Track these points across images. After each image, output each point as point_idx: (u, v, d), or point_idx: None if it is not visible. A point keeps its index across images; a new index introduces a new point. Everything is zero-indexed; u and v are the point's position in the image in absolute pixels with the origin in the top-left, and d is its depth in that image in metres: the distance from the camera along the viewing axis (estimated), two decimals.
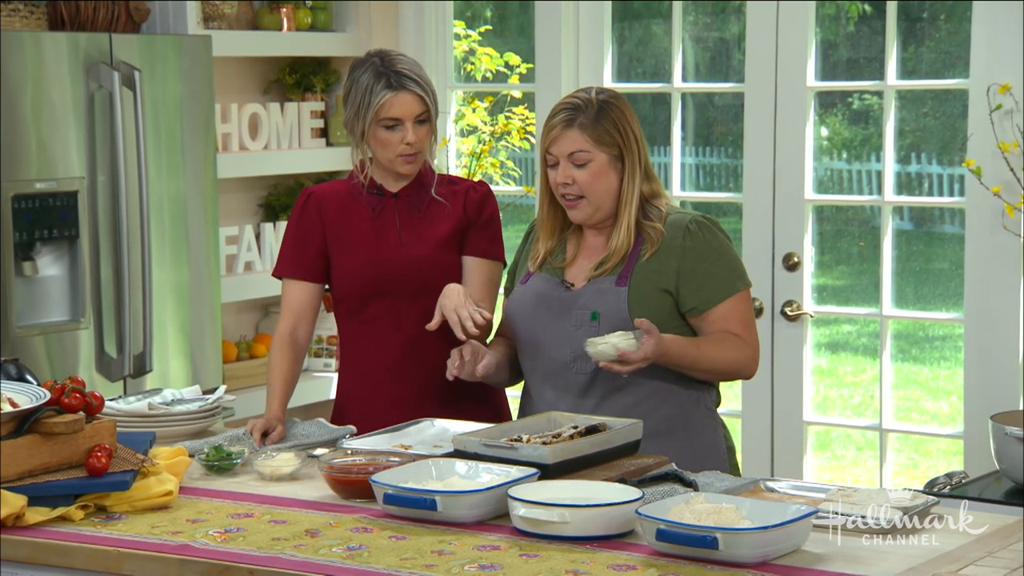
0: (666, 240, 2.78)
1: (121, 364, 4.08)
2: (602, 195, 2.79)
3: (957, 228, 4.68)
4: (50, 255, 4.01)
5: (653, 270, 2.77)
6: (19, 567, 2.29)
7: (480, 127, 4.93)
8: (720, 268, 2.79)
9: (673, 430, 2.78)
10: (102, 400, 2.51)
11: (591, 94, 2.81)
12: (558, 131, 2.78)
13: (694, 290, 2.77)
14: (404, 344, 3.02)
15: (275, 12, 4.82)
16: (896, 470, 4.88)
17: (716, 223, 2.85)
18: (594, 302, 2.78)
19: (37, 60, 3.91)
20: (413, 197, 3.06)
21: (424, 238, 3.04)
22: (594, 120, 2.77)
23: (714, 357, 2.76)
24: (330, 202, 3.06)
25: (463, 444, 2.54)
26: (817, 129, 4.51)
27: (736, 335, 2.78)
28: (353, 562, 2.14)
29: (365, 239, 3.03)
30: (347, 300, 3.06)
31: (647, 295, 2.76)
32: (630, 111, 2.83)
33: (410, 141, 2.97)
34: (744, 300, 2.81)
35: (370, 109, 2.95)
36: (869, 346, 5.61)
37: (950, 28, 4.54)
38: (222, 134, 4.63)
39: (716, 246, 2.80)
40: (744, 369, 2.81)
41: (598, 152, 2.77)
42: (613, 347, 2.65)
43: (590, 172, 2.77)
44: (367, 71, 2.99)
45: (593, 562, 2.12)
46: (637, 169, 2.79)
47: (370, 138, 2.99)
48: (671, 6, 4.64)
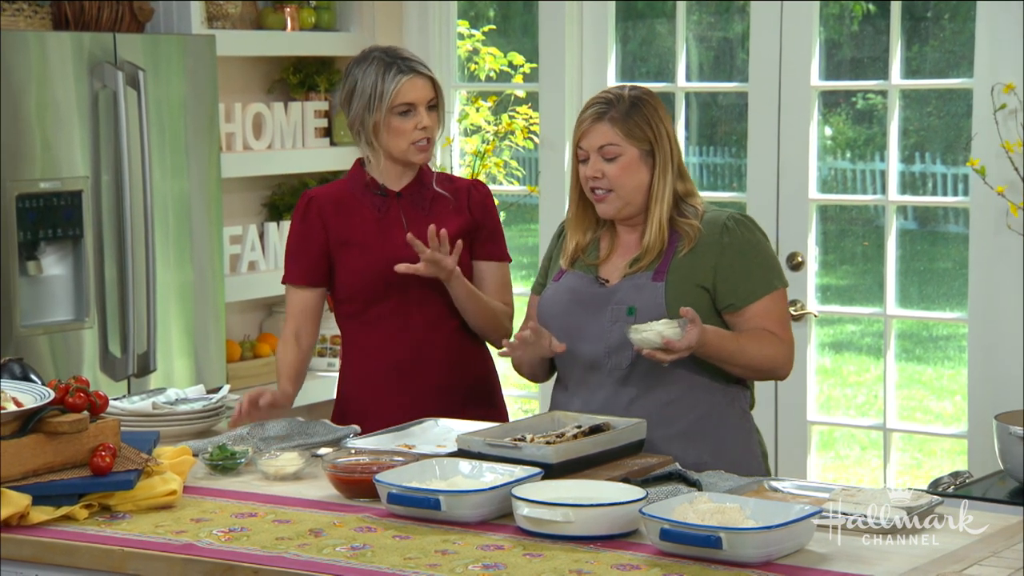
0: (703, 237, 2.77)
1: (125, 363, 4.09)
2: (631, 190, 2.78)
3: (961, 228, 4.67)
4: (54, 254, 4.01)
5: (690, 266, 2.76)
6: (24, 566, 2.29)
7: (484, 127, 4.93)
8: (758, 265, 2.79)
9: (706, 430, 2.76)
10: (106, 399, 2.51)
11: (624, 90, 2.82)
12: (588, 124, 2.79)
13: (732, 287, 2.77)
14: (409, 346, 3.01)
15: (279, 12, 4.82)
16: (900, 470, 4.88)
17: (753, 221, 2.85)
18: (631, 297, 2.77)
19: (41, 60, 3.91)
20: (416, 195, 3.06)
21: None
22: (625, 114, 2.77)
23: (752, 352, 2.74)
24: (332, 204, 3.06)
25: (467, 443, 2.55)
26: (821, 128, 4.50)
27: (773, 333, 2.77)
28: (357, 562, 2.14)
29: (371, 240, 3.03)
30: (352, 301, 3.05)
31: (684, 291, 2.75)
32: (663, 109, 2.82)
33: (426, 125, 2.99)
34: (781, 298, 2.80)
35: (384, 98, 2.96)
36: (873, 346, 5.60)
37: (954, 27, 4.53)
38: (226, 134, 4.63)
39: (754, 243, 2.80)
40: (780, 368, 2.80)
41: (628, 146, 2.77)
42: (658, 335, 2.63)
43: (619, 166, 2.77)
44: (372, 64, 2.99)
45: (597, 562, 2.12)
46: (669, 166, 2.79)
47: (383, 129, 2.99)
48: (675, 6, 4.64)
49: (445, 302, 3.02)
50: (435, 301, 3.00)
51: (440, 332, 3.00)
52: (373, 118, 2.98)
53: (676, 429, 2.74)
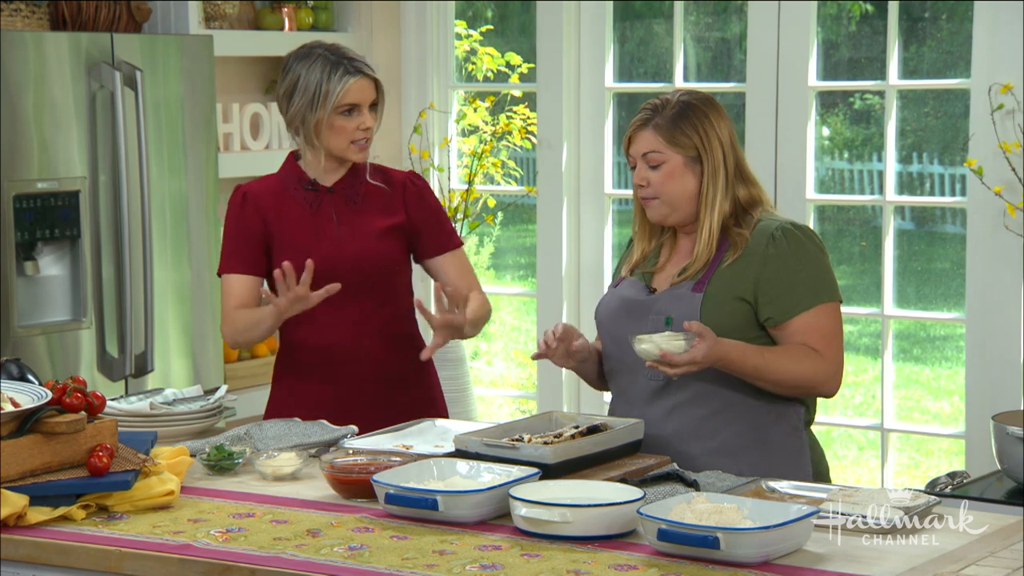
0: (750, 247, 2.69)
1: (123, 364, 4.09)
2: (676, 197, 2.72)
3: (958, 228, 4.68)
4: (52, 255, 4.01)
5: (732, 277, 2.68)
6: (21, 566, 2.29)
7: (481, 127, 4.93)
8: (803, 278, 2.67)
9: (748, 446, 2.68)
10: (103, 400, 2.51)
11: (674, 96, 2.75)
12: (634, 131, 2.75)
13: (772, 299, 2.67)
14: (345, 338, 3.01)
15: (276, 12, 4.83)
16: (897, 470, 4.88)
17: (808, 232, 2.73)
18: (669, 307, 2.70)
19: (39, 60, 3.91)
20: (348, 190, 3.07)
21: (362, 232, 3.05)
22: (671, 121, 2.71)
23: (781, 368, 2.63)
24: (266, 199, 3.07)
25: (464, 444, 2.55)
26: (819, 129, 4.51)
27: (813, 349, 2.65)
28: (354, 562, 2.14)
29: (303, 235, 3.04)
30: None
31: (723, 302, 2.67)
32: (718, 115, 2.74)
33: (368, 126, 3.00)
34: (828, 313, 2.67)
35: (329, 97, 2.97)
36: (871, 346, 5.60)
37: (952, 28, 4.54)
38: (223, 134, 4.63)
39: (801, 255, 2.68)
40: (820, 385, 2.67)
41: (672, 153, 2.71)
42: (656, 346, 2.57)
43: (663, 173, 2.71)
44: (316, 62, 2.99)
45: (594, 562, 2.12)
46: (720, 173, 2.71)
47: (325, 128, 2.99)
48: (672, 6, 4.64)
49: (378, 295, 3.05)
50: (366, 299, 3.02)
51: (374, 323, 3.02)
52: (316, 116, 2.99)
53: (715, 443, 2.67)
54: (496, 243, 5.74)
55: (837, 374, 2.69)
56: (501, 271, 6.08)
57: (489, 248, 5.68)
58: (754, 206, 2.75)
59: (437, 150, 5.02)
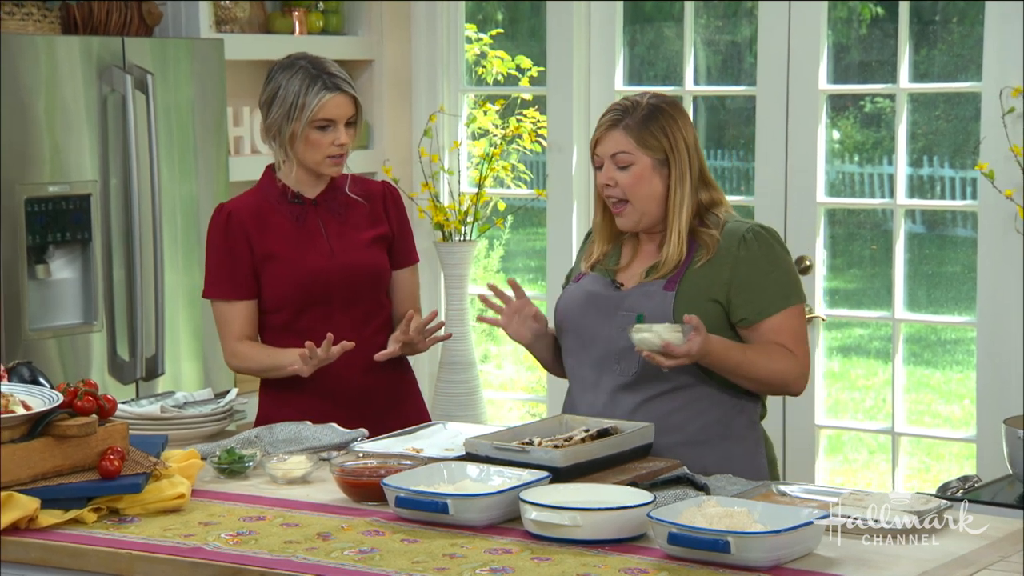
0: (721, 248, 2.74)
1: (133, 367, 4.09)
2: (645, 199, 2.76)
3: (969, 231, 4.66)
4: (63, 258, 4.02)
5: (704, 277, 2.73)
6: (32, 570, 2.29)
7: (491, 130, 4.93)
8: (774, 280, 2.74)
9: (712, 439, 2.74)
10: (115, 403, 2.51)
11: (643, 98, 2.79)
12: (603, 131, 2.77)
13: (745, 301, 2.73)
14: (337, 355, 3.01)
15: (287, 15, 4.83)
16: (908, 474, 4.87)
17: (775, 234, 2.79)
18: (640, 304, 2.75)
19: (50, 64, 3.92)
20: (331, 202, 3.07)
21: (351, 244, 3.05)
22: (640, 122, 2.74)
23: (758, 365, 2.70)
24: (249, 215, 3.04)
25: (475, 447, 2.55)
26: (829, 132, 4.50)
27: (786, 348, 2.72)
28: (365, 565, 2.14)
29: (291, 249, 3.02)
30: (278, 312, 3.04)
31: (695, 302, 2.72)
32: (684, 119, 2.78)
33: (342, 142, 2.99)
34: (797, 315, 2.75)
35: (305, 110, 2.96)
36: (881, 349, 5.59)
37: (963, 31, 4.53)
38: (234, 137, 4.64)
39: (772, 257, 2.75)
40: (791, 384, 2.75)
41: (641, 155, 2.74)
42: (659, 336, 2.60)
43: (632, 175, 2.75)
44: (297, 74, 2.99)
45: (605, 565, 2.12)
46: (687, 176, 2.75)
47: (300, 140, 2.99)
48: (682, 9, 4.64)
49: (367, 305, 3.06)
50: (358, 305, 3.04)
51: (363, 334, 3.02)
52: (291, 127, 2.98)
53: (680, 437, 2.72)
54: (506, 246, 5.74)
55: (806, 373, 2.77)
56: (511, 274, 6.08)
57: (499, 251, 5.68)
58: (716, 206, 2.80)
59: (447, 153, 5.03)
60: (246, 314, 3.04)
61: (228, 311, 3.04)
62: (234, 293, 3.04)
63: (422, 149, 4.95)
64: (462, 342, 4.90)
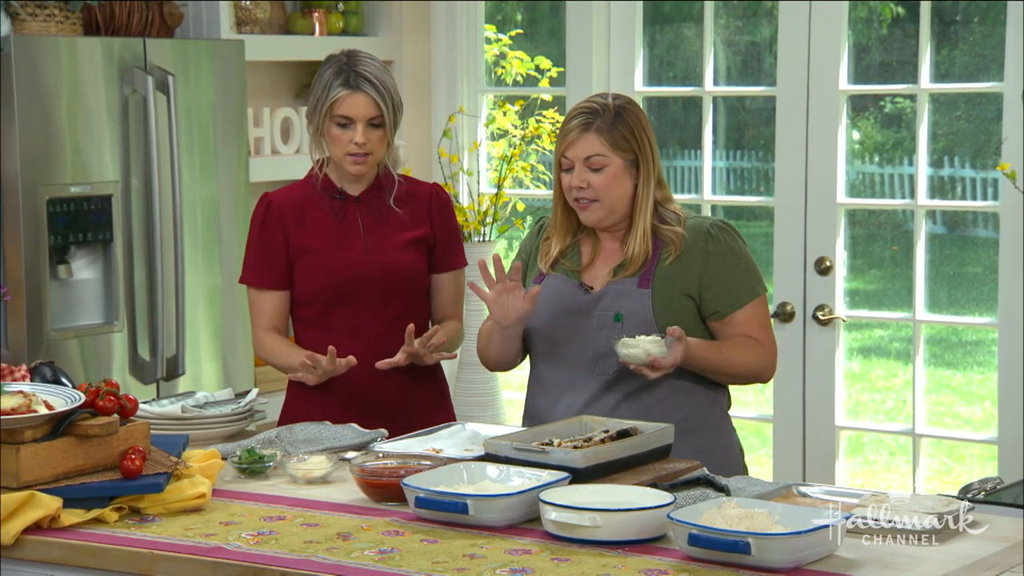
0: (688, 244, 2.80)
1: (154, 367, 4.11)
2: (616, 199, 2.80)
3: (991, 232, 4.64)
4: (84, 258, 4.04)
5: (675, 274, 2.79)
6: (54, 568, 2.31)
7: (511, 131, 4.93)
8: (741, 273, 2.82)
9: (689, 431, 2.78)
10: (136, 403, 2.52)
11: (607, 99, 2.82)
12: (575, 135, 2.79)
13: (717, 295, 2.80)
14: (364, 350, 3.00)
15: (307, 16, 4.84)
16: (929, 475, 4.85)
17: (734, 228, 2.88)
18: (617, 303, 2.79)
19: (72, 65, 3.94)
20: (374, 202, 3.07)
21: (388, 244, 3.05)
22: (611, 125, 2.78)
23: (735, 361, 2.80)
24: (291, 207, 3.06)
25: (494, 448, 2.55)
26: (849, 133, 4.49)
27: (755, 339, 2.81)
28: (385, 565, 2.14)
29: (328, 244, 3.03)
30: (310, 306, 3.05)
31: (670, 298, 2.79)
32: (645, 118, 2.85)
33: (358, 142, 2.99)
34: (762, 305, 2.85)
35: (325, 103, 2.98)
36: (902, 351, 5.57)
37: (984, 31, 4.51)
38: (254, 138, 4.65)
39: (737, 251, 2.83)
40: (763, 373, 2.86)
41: (614, 157, 2.78)
42: (645, 352, 2.69)
43: (606, 176, 2.78)
44: (331, 67, 3.02)
45: (625, 566, 2.12)
46: (652, 175, 2.81)
47: (325, 132, 3.01)
48: (702, 9, 4.63)
49: (399, 307, 3.05)
50: (388, 309, 3.03)
51: (393, 336, 3.01)
52: (317, 120, 3.02)
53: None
54: None
55: (775, 362, 2.86)
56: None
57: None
58: (668, 202, 2.85)
59: (466, 154, 5.03)
60: (276, 304, 3.05)
61: (259, 299, 3.07)
62: (265, 282, 3.06)
63: (441, 150, 4.95)
64: None
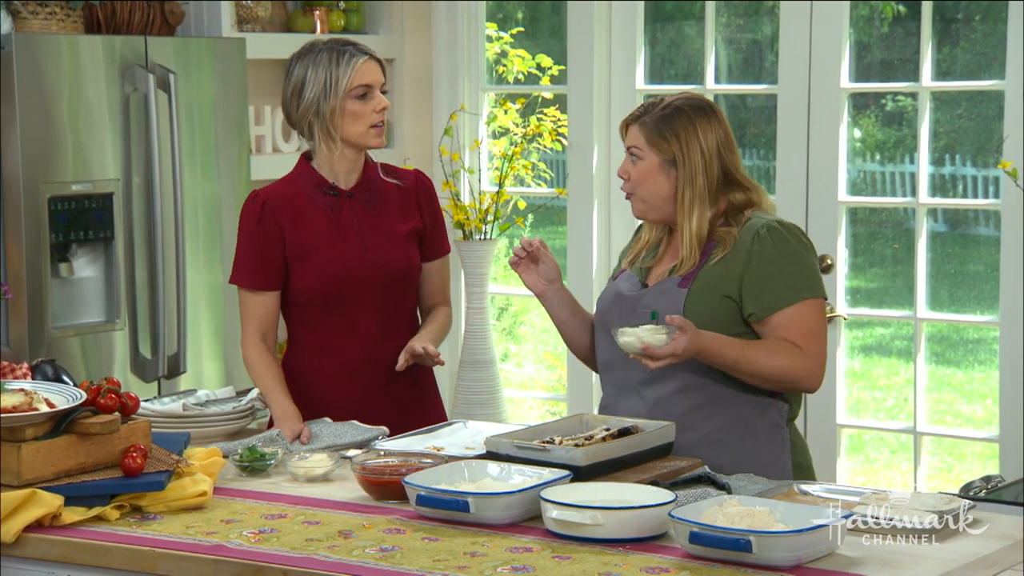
0: (737, 244, 2.73)
1: (155, 365, 4.11)
2: (650, 195, 2.77)
3: (992, 230, 4.64)
4: (86, 256, 4.04)
5: (718, 274, 2.73)
6: (55, 566, 2.31)
7: (512, 129, 4.94)
8: (785, 275, 2.71)
9: (729, 439, 2.72)
10: (137, 401, 2.52)
11: (671, 97, 2.80)
12: (627, 124, 2.81)
13: (754, 295, 2.71)
14: (360, 349, 3.00)
15: (308, 15, 4.84)
16: (930, 473, 4.85)
17: (794, 230, 2.76)
18: (655, 302, 2.76)
19: (73, 63, 3.94)
20: (366, 194, 3.04)
21: (385, 239, 3.03)
22: (655, 121, 2.75)
23: (758, 362, 2.68)
24: (284, 205, 3.01)
25: (495, 446, 2.55)
26: (850, 131, 4.49)
27: (794, 344, 2.69)
28: (386, 563, 2.14)
29: (325, 244, 3.00)
30: (307, 305, 3.02)
31: (707, 299, 2.72)
32: (705, 122, 2.75)
33: (384, 106, 2.98)
34: (810, 310, 2.70)
35: (340, 82, 2.94)
36: (903, 349, 5.57)
37: (985, 29, 4.51)
38: (256, 136, 4.65)
39: (785, 252, 2.72)
40: (799, 381, 2.71)
41: (650, 152, 2.76)
42: (638, 339, 2.62)
43: (640, 170, 2.77)
44: (321, 54, 2.98)
45: (626, 564, 2.12)
46: (699, 180, 2.73)
47: (339, 115, 2.96)
48: (704, 7, 4.63)
49: (397, 306, 3.04)
50: (387, 305, 3.02)
51: (390, 335, 3.00)
52: (330, 104, 2.95)
53: (698, 435, 2.72)
54: None
55: (818, 370, 2.72)
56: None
57: None
58: (750, 207, 2.79)
59: (468, 152, 5.03)
60: (267, 306, 3.02)
61: (250, 301, 3.03)
62: (258, 283, 3.01)
63: (443, 148, 4.95)
64: (482, 341, 4.91)
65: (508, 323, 5.79)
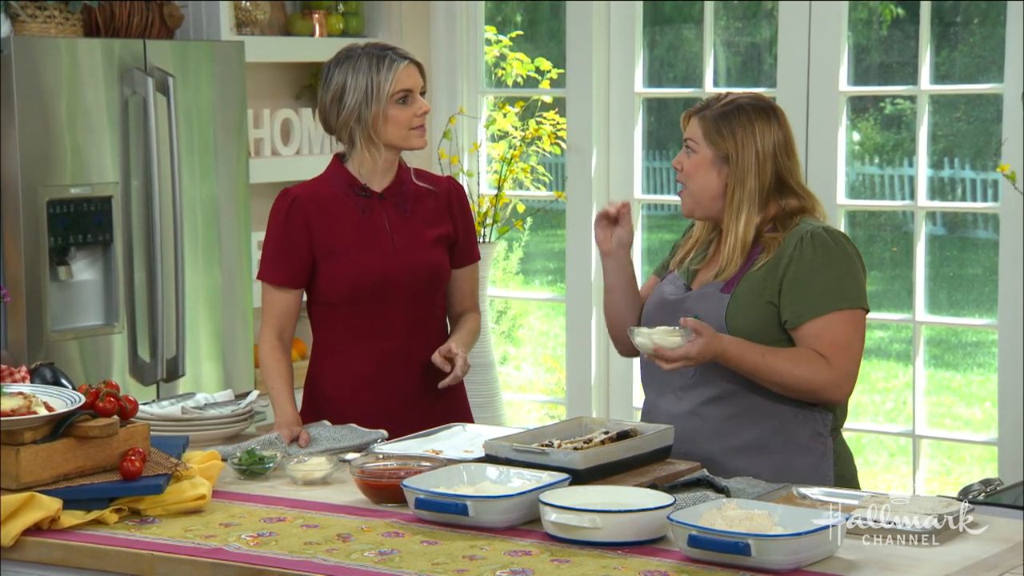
0: (781, 249, 2.70)
1: (154, 368, 4.11)
2: (699, 190, 2.75)
3: (991, 233, 4.65)
4: (84, 260, 4.04)
5: (761, 279, 2.69)
6: (54, 570, 2.31)
7: (511, 132, 4.94)
8: (822, 283, 2.66)
9: (770, 448, 2.69)
10: (136, 404, 2.52)
11: (737, 94, 2.79)
12: (688, 115, 2.80)
13: (789, 303, 2.67)
14: (387, 350, 3.00)
15: (307, 18, 4.85)
16: (929, 476, 4.85)
17: (839, 237, 2.72)
18: (697, 306, 2.73)
19: (72, 66, 3.94)
20: (398, 197, 3.05)
21: (415, 242, 3.02)
22: (716, 116, 2.73)
23: (780, 370, 2.63)
24: (314, 206, 3.01)
25: (494, 449, 2.55)
26: (849, 134, 4.49)
27: (820, 354, 2.64)
28: (385, 567, 2.14)
29: (353, 245, 3.00)
30: (333, 305, 3.02)
31: (750, 305, 2.69)
32: (765, 123, 2.72)
33: (426, 110, 2.99)
34: (843, 321, 2.65)
35: (383, 88, 2.95)
36: (902, 352, 5.57)
37: (984, 32, 4.51)
38: (254, 139, 4.65)
39: (825, 260, 2.67)
40: (821, 391, 2.65)
41: (704, 146, 2.74)
42: (650, 340, 2.61)
43: (692, 162, 2.75)
44: (360, 59, 2.98)
45: (625, 568, 2.12)
46: (750, 181, 2.70)
47: (382, 120, 2.96)
48: (702, 10, 4.64)
49: (424, 309, 3.04)
50: (415, 308, 3.02)
51: (418, 337, 3.00)
52: (372, 110, 2.95)
53: (737, 442, 2.69)
54: (525, 248, 5.75)
55: (842, 383, 2.66)
56: (530, 276, 6.08)
57: (518, 253, 5.68)
58: (802, 214, 2.75)
59: (467, 155, 5.03)
60: (288, 303, 3.02)
61: (272, 296, 3.03)
62: (282, 280, 3.01)
63: (441, 151, 4.95)
64: (482, 344, 4.90)
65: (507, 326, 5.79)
